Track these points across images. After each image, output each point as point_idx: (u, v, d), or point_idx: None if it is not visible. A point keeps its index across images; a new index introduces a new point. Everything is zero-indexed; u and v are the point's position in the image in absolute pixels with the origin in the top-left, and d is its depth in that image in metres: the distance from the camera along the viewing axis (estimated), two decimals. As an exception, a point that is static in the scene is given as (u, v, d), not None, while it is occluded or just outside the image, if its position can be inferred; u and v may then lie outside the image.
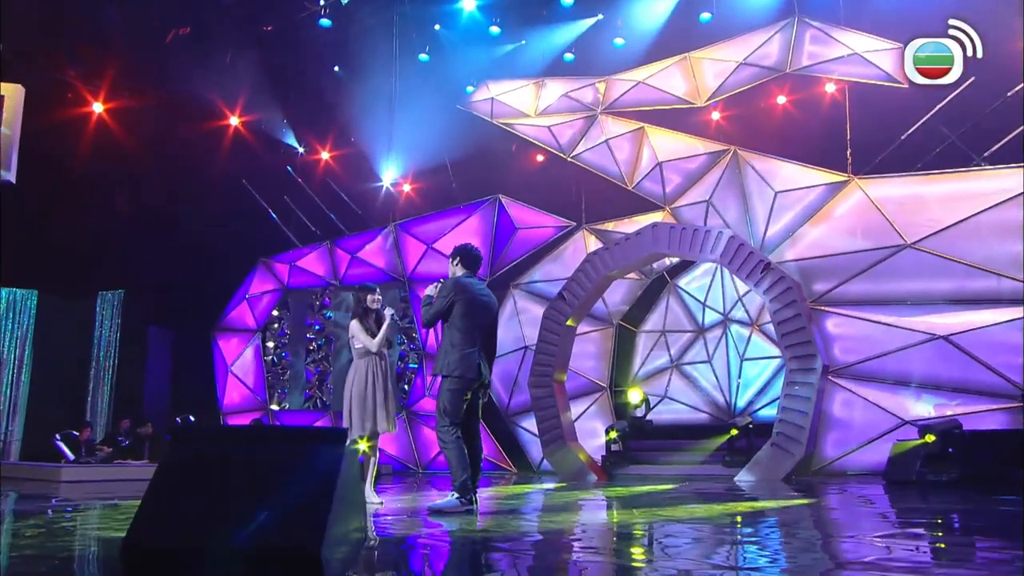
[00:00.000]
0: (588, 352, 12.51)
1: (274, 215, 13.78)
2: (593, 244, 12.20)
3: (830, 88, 11.17)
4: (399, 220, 13.32)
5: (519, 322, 12.53)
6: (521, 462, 11.99)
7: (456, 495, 5.00)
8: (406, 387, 12.96)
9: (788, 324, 9.81)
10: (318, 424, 12.87)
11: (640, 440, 11.50)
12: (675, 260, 12.17)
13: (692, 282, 12.84)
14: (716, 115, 12.00)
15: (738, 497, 6.73)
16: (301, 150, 13.93)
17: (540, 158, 13.04)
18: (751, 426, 10.48)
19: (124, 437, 12.16)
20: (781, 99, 11.72)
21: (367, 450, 5.73)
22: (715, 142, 11.36)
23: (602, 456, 11.32)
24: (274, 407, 13.63)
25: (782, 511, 5.44)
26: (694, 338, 12.73)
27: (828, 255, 10.24)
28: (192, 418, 11.67)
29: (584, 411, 12.33)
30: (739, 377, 12.17)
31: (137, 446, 11.24)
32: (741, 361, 12.27)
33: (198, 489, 2.90)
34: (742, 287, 12.03)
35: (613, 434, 11.26)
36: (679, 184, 11.66)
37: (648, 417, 12.04)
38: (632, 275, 12.31)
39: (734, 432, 10.54)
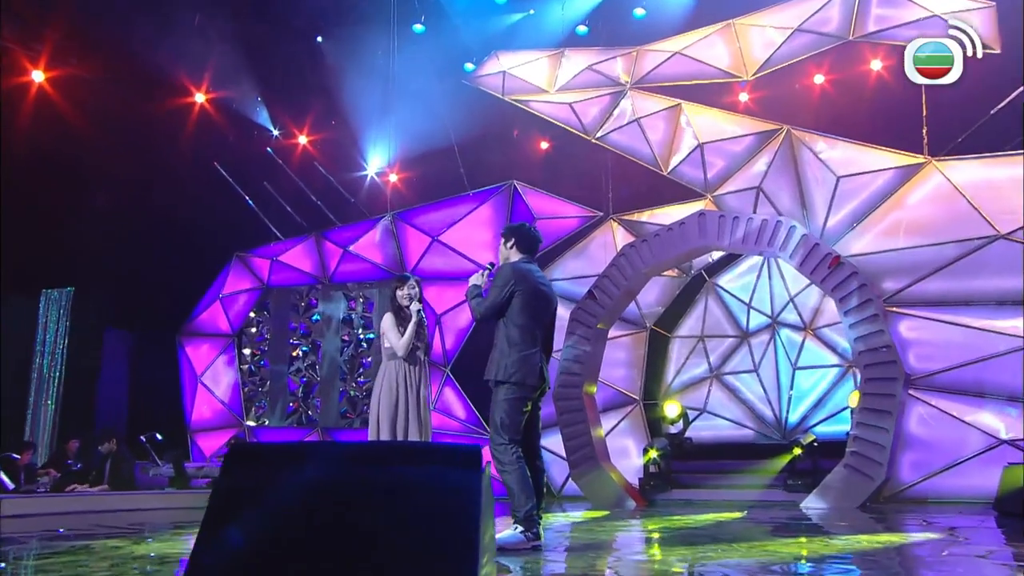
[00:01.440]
0: (618, 359, 12.10)
1: (251, 203, 13.28)
2: (622, 237, 11.83)
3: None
4: (398, 209, 12.86)
5: None
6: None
7: (520, 528, 4.59)
8: None
9: (863, 327, 9.39)
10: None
11: (682, 461, 11.20)
12: (717, 256, 11.89)
13: (734, 280, 12.52)
14: (765, 90, 11.68)
15: (814, 531, 6.26)
16: (276, 132, 13.54)
17: (559, 140, 12.68)
18: (816, 444, 9.91)
19: (74, 460, 11.51)
20: (841, 71, 11.41)
21: None
22: (765, 120, 10.96)
23: (639, 479, 10.98)
24: (250, 423, 13.15)
25: (881, 554, 4.68)
26: (737, 344, 12.43)
27: (901, 248, 9.77)
28: (159, 436, 11.00)
29: (614, 427, 11.88)
30: (791, 388, 11.89)
31: (94, 470, 10.28)
32: (793, 370, 11.99)
33: (277, 532, 2.24)
34: (793, 286, 11.75)
35: (653, 453, 10.89)
36: (722, 168, 11.20)
37: (687, 434, 11.69)
38: (668, 273, 11.91)
39: (797, 451, 10.04)
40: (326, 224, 13.23)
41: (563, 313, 11.26)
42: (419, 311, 5.53)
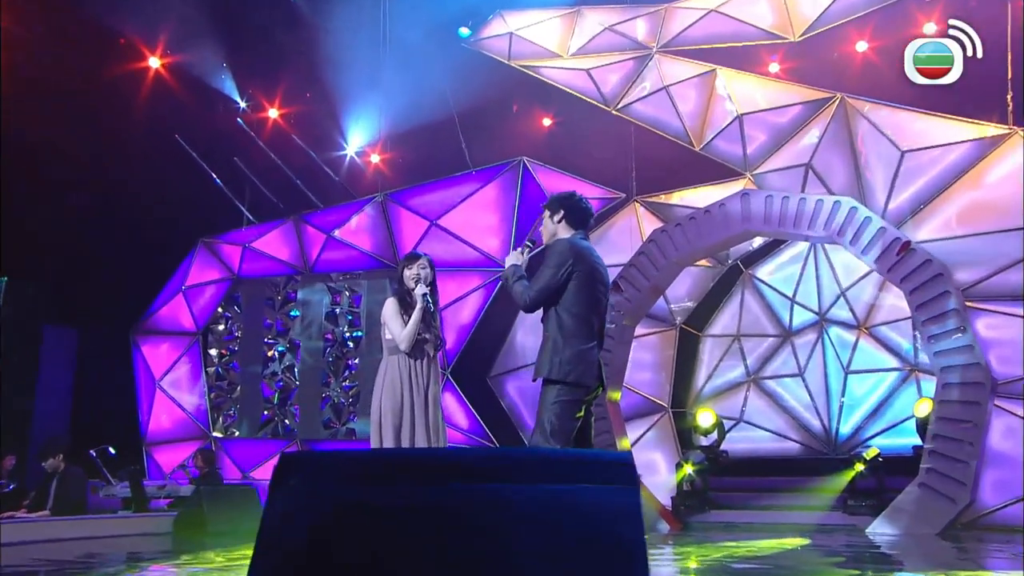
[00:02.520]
0: (644, 361, 11.66)
1: (219, 181, 12.74)
2: (649, 221, 11.40)
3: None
4: (390, 189, 12.39)
5: None
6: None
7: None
8: None
9: (939, 323, 8.82)
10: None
11: (717, 477, 10.75)
12: (757, 243, 11.50)
13: (776, 272, 12.08)
14: (814, 54, 11.04)
15: (896, 566, 5.87)
16: (242, 104, 12.96)
17: (574, 112, 12.08)
18: (881, 459, 9.51)
19: (8, 479, 10.71)
20: (904, 29, 10.51)
21: None
22: (814, 88, 10.50)
23: (671, 498, 10.58)
24: (218, 435, 12.76)
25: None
26: (779, 344, 12.06)
27: (978, 234, 9.21)
28: (112, 450, 10.24)
29: (640, 438, 11.40)
30: (842, 395, 11.52)
31: (34, 491, 9.20)
32: (844, 374, 11.60)
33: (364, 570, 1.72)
34: (845, 278, 11.38)
35: (688, 469, 10.46)
36: (765, 143, 10.74)
37: (721, 446, 11.12)
38: (701, 263, 11.50)
39: (859, 467, 9.55)
40: (307, 206, 12.82)
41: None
42: (425, 296, 5.21)
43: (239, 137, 12.73)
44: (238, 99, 13.00)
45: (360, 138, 13.02)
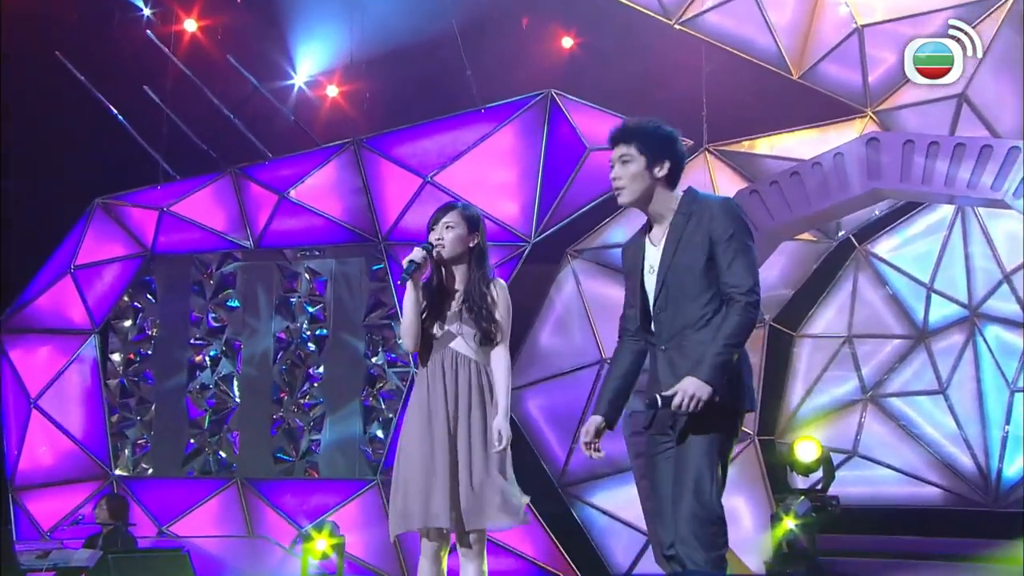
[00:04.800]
0: None
1: (122, 119, 11.81)
2: (726, 178, 10.59)
3: None
4: (366, 134, 11.54)
5: (589, 317, 10.95)
6: (589, 564, 10.75)
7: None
8: (380, 434, 11.50)
9: None
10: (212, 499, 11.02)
11: (831, 534, 9.75)
12: (878, 211, 10.83)
13: (904, 248, 11.12)
14: None
15: None
16: (146, 11, 12.35)
17: (620, 28, 11.39)
18: None
19: None
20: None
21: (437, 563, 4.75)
22: None
23: (764, 563, 9.80)
24: (122, 472, 11.58)
25: None
26: (909, 349, 11.12)
27: None
28: None
29: None
30: (1006, 423, 10.62)
31: None
32: (1010, 393, 10.65)
33: None
34: (1011, 257, 10.51)
35: (790, 523, 9.39)
36: (895, 66, 10.04)
37: (830, 491, 10.04)
38: (802, 237, 10.87)
39: None
40: (250, 155, 11.82)
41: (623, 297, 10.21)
42: (411, 264, 4.67)
43: (149, 57, 11.98)
44: (140, 4, 12.43)
45: (318, 61, 12.26)
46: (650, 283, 4.01)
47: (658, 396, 3.83)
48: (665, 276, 3.88)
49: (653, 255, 3.99)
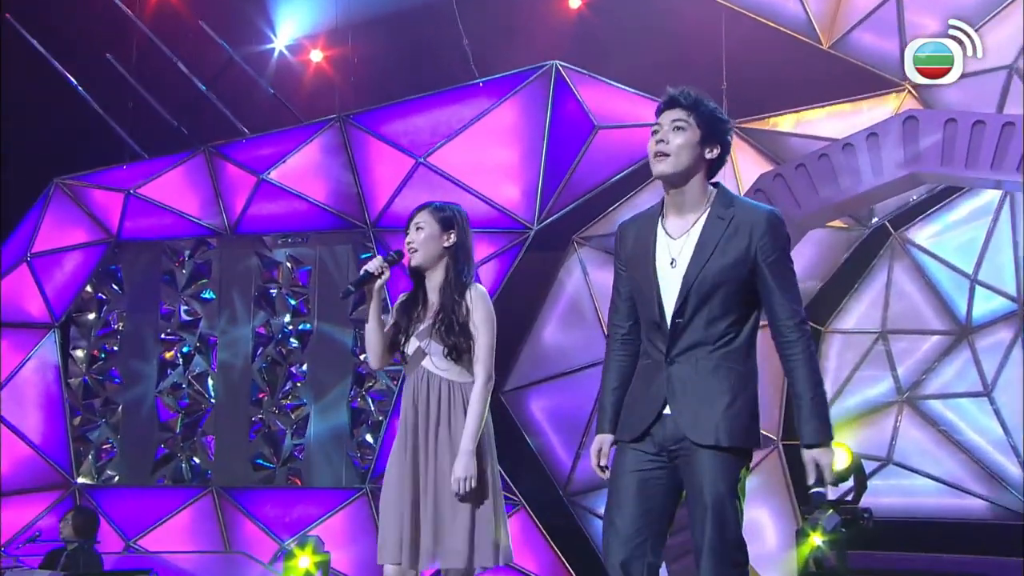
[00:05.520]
0: None
1: (84, 92, 11.76)
2: (749, 159, 10.42)
3: None
4: (353, 110, 11.43)
5: (597, 310, 10.72)
6: (592, 579, 11.39)
7: None
8: (369, 438, 11.44)
9: None
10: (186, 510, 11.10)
11: (863, 551, 9.53)
12: (916, 195, 10.62)
13: (944, 235, 10.87)
14: None
15: None
16: None
17: None
18: None
19: None
20: None
21: None
22: None
23: None
24: (85, 480, 11.50)
25: None
26: (950, 346, 10.88)
27: None
28: None
29: None
30: None
31: None
32: None
33: None
34: None
35: (817, 539, 9.18)
36: (938, 35, 9.96)
37: (862, 502, 9.86)
38: (833, 224, 10.75)
39: None
40: (225, 132, 11.70)
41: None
42: (365, 274, 4.69)
43: (112, 21, 11.80)
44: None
45: (301, 23, 12.12)
46: (667, 281, 3.82)
47: (812, 494, 4.07)
48: (694, 283, 3.68)
49: (674, 248, 3.79)
